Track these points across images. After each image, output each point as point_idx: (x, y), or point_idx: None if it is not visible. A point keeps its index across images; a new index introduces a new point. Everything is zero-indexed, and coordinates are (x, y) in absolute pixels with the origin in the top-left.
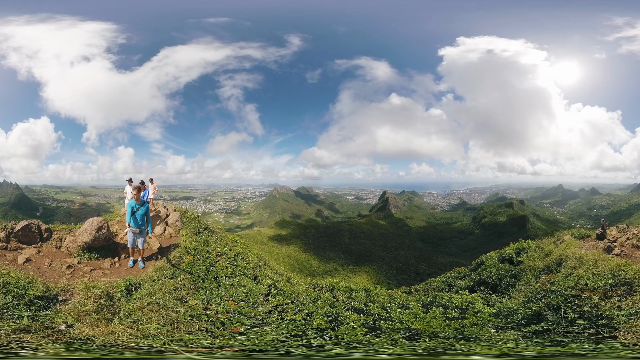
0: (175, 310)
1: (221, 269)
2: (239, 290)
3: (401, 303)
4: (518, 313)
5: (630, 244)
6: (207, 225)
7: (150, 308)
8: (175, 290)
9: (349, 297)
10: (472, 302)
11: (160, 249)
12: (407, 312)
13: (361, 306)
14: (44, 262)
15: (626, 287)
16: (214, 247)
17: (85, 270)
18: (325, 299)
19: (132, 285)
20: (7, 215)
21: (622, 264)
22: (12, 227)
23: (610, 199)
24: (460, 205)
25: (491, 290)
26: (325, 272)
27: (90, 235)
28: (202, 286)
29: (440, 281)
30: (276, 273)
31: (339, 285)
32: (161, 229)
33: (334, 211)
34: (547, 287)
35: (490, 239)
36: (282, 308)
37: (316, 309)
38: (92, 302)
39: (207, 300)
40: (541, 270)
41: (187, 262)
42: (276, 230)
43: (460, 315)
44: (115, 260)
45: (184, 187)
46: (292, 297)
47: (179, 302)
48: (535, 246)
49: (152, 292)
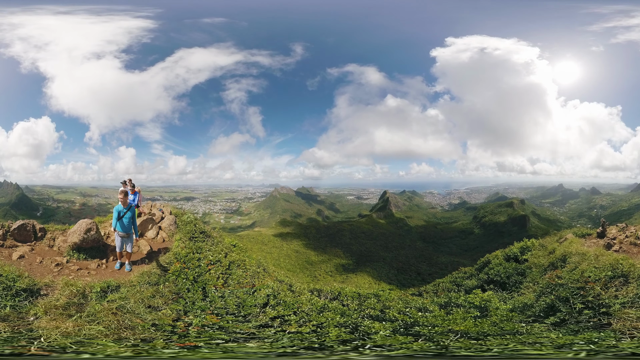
0: (140, 317)
1: (211, 279)
2: (230, 302)
3: (418, 306)
4: (534, 307)
5: (628, 241)
6: (203, 230)
7: (114, 311)
8: (152, 297)
9: (360, 305)
10: (488, 300)
11: (150, 253)
12: (435, 315)
13: (377, 313)
14: (35, 259)
15: (622, 278)
16: (206, 254)
17: (72, 269)
18: (334, 308)
19: (109, 287)
20: (8, 215)
21: (620, 258)
22: (9, 226)
23: (610, 198)
24: (461, 204)
25: (500, 288)
26: (326, 273)
27: (80, 236)
28: (186, 296)
29: (447, 282)
30: (276, 280)
31: (346, 291)
32: (154, 233)
33: (335, 211)
34: (555, 281)
35: (490, 238)
36: (283, 320)
37: (326, 319)
38: (65, 298)
39: (185, 311)
40: (546, 267)
41: (174, 270)
42: (277, 230)
43: (482, 313)
44: (103, 262)
45: (184, 188)
46: (295, 308)
47: (150, 309)
48: (539, 245)
49: (126, 296)
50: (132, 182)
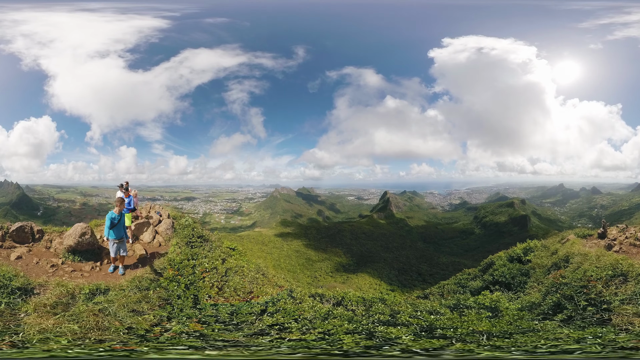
0: (119, 320)
1: (204, 287)
2: (222, 310)
3: (428, 309)
4: (542, 305)
5: (628, 242)
6: (201, 234)
7: (96, 313)
8: (138, 302)
9: (367, 310)
10: (497, 300)
11: (145, 257)
12: (450, 318)
13: (387, 318)
14: (32, 260)
15: (622, 277)
16: (202, 261)
17: (66, 270)
18: (340, 314)
19: (98, 289)
20: (8, 215)
21: (620, 258)
22: (7, 227)
23: (611, 198)
24: (461, 205)
25: (506, 289)
26: (326, 274)
27: (75, 240)
28: (175, 303)
29: (452, 283)
30: (276, 286)
31: (349, 296)
32: (150, 237)
33: (335, 211)
34: (560, 280)
35: (491, 238)
36: (282, 327)
37: (333, 326)
38: (55, 298)
39: (170, 317)
40: (549, 267)
41: (166, 277)
42: (277, 230)
43: (494, 314)
44: (97, 265)
45: (185, 188)
46: (296, 315)
47: (133, 314)
48: (541, 246)
49: (112, 299)
50: (127, 185)
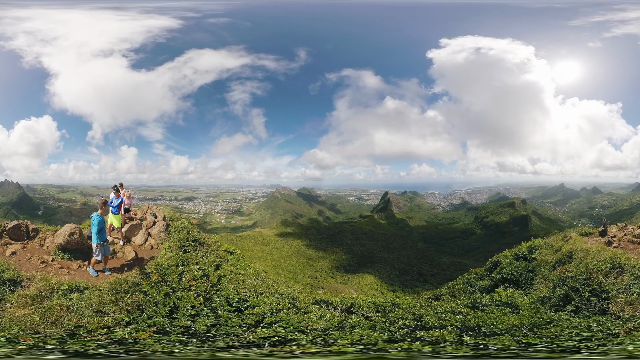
0: (78, 318)
1: (188, 297)
2: (200, 322)
3: (450, 310)
4: (552, 298)
5: (626, 239)
6: (197, 237)
7: (63, 309)
8: (109, 304)
9: (385, 315)
10: (512, 296)
11: (135, 260)
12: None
13: (412, 323)
14: (25, 256)
15: (619, 269)
16: (192, 267)
17: (55, 267)
18: (358, 322)
19: (76, 287)
20: (9, 215)
21: (618, 253)
22: (4, 225)
23: (611, 198)
24: (462, 205)
25: (514, 286)
26: (327, 274)
27: (64, 239)
28: (147, 309)
29: (460, 283)
30: (276, 293)
31: (359, 302)
32: (142, 239)
33: (336, 212)
34: (565, 274)
35: (492, 238)
36: (285, 340)
37: (363, 336)
38: (35, 291)
39: (129, 323)
40: (554, 264)
41: (148, 282)
42: (278, 230)
43: (513, 309)
44: (85, 263)
45: (186, 188)
46: (302, 326)
47: (96, 314)
48: (545, 244)
49: (84, 298)
50: (120, 186)
